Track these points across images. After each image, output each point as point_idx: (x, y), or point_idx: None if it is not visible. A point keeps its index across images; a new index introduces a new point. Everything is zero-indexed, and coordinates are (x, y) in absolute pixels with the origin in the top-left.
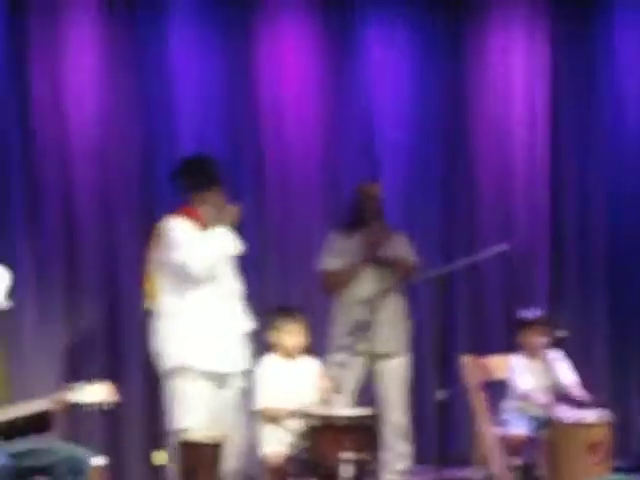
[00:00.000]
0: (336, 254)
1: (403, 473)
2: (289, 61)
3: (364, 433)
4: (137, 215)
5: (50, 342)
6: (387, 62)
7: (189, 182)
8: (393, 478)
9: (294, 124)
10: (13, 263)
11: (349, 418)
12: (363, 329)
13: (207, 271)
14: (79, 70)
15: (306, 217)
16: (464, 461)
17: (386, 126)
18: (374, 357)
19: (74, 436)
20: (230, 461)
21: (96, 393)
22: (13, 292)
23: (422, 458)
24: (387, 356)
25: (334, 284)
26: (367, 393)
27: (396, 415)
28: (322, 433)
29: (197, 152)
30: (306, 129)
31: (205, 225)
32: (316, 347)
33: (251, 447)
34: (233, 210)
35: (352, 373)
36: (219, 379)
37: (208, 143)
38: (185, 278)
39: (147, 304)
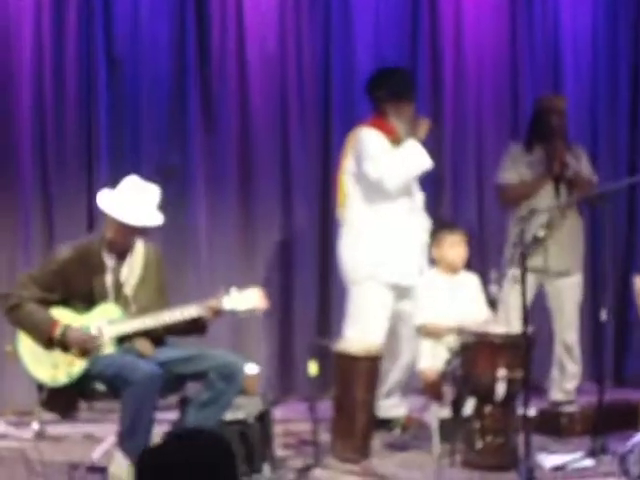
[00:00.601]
0: (516, 168)
1: (571, 392)
2: None
3: (519, 351)
4: (313, 129)
5: (223, 254)
6: None
7: (386, 92)
8: (560, 396)
9: (474, 34)
10: (189, 173)
11: (505, 336)
12: (539, 245)
13: (403, 186)
14: None
15: (484, 130)
16: None
17: (569, 41)
18: (548, 274)
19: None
20: (396, 373)
21: (248, 300)
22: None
23: (597, 377)
24: (561, 274)
25: (512, 198)
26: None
27: (567, 333)
28: (477, 350)
29: (400, 69)
30: (486, 40)
31: (397, 138)
32: (492, 262)
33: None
34: (424, 124)
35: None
36: (400, 291)
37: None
38: (378, 190)
39: (338, 212)
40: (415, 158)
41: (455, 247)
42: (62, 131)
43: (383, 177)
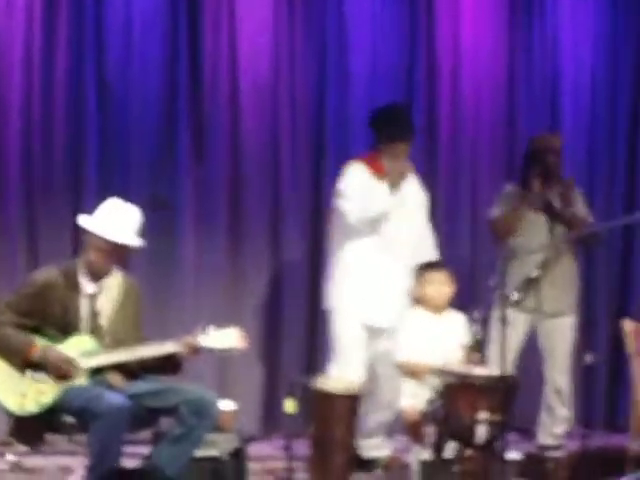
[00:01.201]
0: (506, 202)
1: (560, 436)
2: (468, 14)
3: (502, 394)
4: (304, 163)
5: (209, 284)
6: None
7: (381, 133)
8: (549, 441)
9: (471, 71)
10: (178, 204)
11: (487, 378)
12: (532, 285)
13: (366, 221)
14: (252, 20)
15: (479, 166)
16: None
17: (569, 77)
18: (541, 315)
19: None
20: (377, 414)
21: (226, 339)
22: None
23: (588, 423)
24: (554, 315)
25: (501, 230)
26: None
27: (558, 376)
28: (458, 392)
29: (394, 102)
30: (483, 78)
31: (384, 175)
32: (483, 300)
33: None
34: (406, 166)
35: (516, 330)
36: (374, 330)
37: (377, 96)
38: (348, 225)
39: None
40: (387, 195)
41: (437, 285)
42: (50, 155)
43: (346, 211)
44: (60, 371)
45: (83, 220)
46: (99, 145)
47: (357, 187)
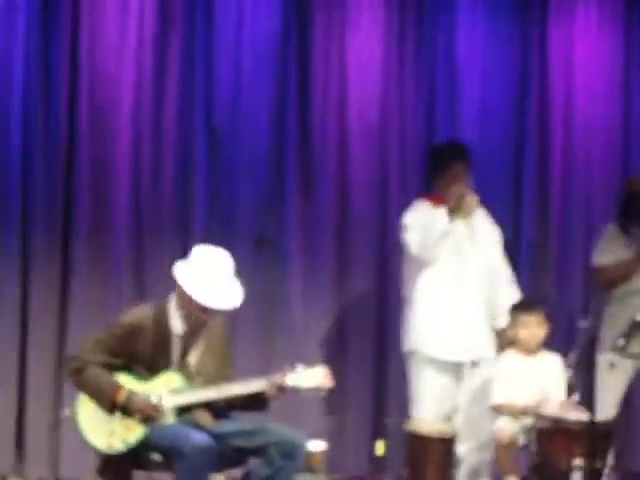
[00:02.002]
0: (613, 249)
1: None
2: (582, 49)
3: (598, 441)
4: (414, 195)
5: (316, 320)
6: None
7: (435, 161)
8: None
9: (584, 106)
10: (285, 243)
11: (583, 424)
12: (637, 330)
13: (428, 248)
14: (362, 51)
15: (592, 211)
16: None
17: None
18: None
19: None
20: (476, 454)
21: (313, 378)
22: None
23: None
24: None
25: (609, 280)
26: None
27: None
28: (553, 436)
29: (448, 140)
30: (596, 113)
31: (444, 203)
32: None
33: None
34: (471, 201)
35: (621, 375)
36: (453, 368)
37: (489, 131)
38: (417, 261)
39: None
40: (439, 220)
41: (532, 328)
42: (159, 197)
43: (409, 242)
44: (145, 416)
45: (179, 276)
46: (207, 186)
47: (418, 218)
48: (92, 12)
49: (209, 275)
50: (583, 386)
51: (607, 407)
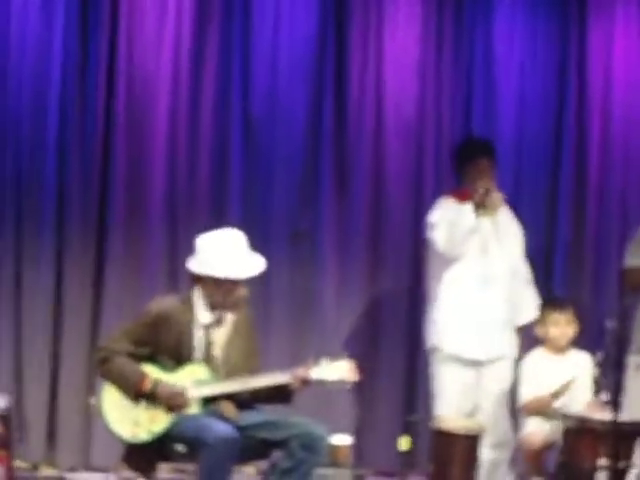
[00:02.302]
0: None
1: None
2: (620, 46)
3: (623, 441)
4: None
5: (349, 315)
6: None
7: (461, 156)
8: None
9: (621, 109)
10: (319, 237)
11: (608, 423)
12: None
13: (454, 245)
14: (399, 48)
15: (629, 215)
16: None
17: None
18: None
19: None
20: (487, 452)
21: (337, 372)
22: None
23: None
24: None
25: (635, 283)
26: None
27: None
28: (579, 436)
29: (474, 136)
30: (634, 116)
31: (469, 199)
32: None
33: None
34: (496, 197)
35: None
36: (474, 366)
37: (526, 128)
38: (443, 257)
39: None
40: (465, 216)
41: (560, 326)
42: (194, 190)
43: (435, 239)
44: (171, 405)
45: (196, 266)
46: (243, 178)
47: (444, 215)
48: (131, 8)
49: (224, 251)
50: (610, 386)
51: (635, 408)
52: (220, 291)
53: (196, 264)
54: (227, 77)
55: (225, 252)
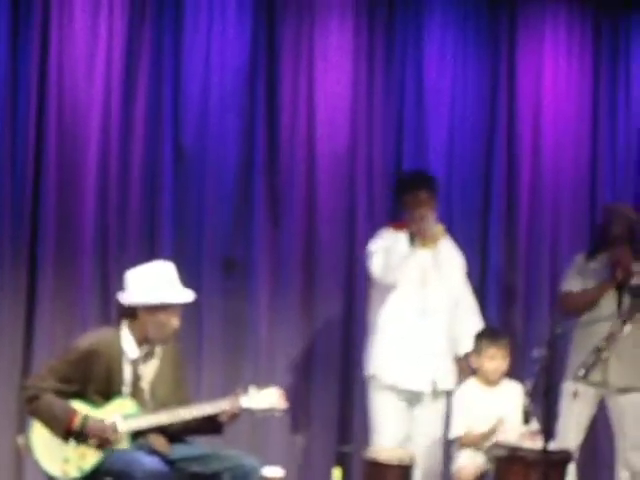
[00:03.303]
0: (580, 276)
1: None
2: (549, 69)
3: (554, 470)
4: (382, 222)
5: (283, 346)
6: None
7: (399, 187)
8: None
9: (552, 136)
10: (252, 267)
11: (538, 452)
12: (598, 358)
13: (389, 272)
14: (331, 87)
15: (560, 241)
16: None
17: None
18: (608, 389)
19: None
20: None
21: (267, 400)
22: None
23: None
24: (622, 390)
25: (574, 307)
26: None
27: (631, 455)
28: (510, 465)
29: (413, 168)
30: (564, 142)
31: (406, 228)
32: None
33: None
34: (436, 229)
35: (584, 404)
36: (409, 397)
37: (456, 158)
38: (380, 287)
39: None
40: (400, 244)
41: (495, 361)
42: (125, 220)
43: (371, 267)
44: (100, 440)
45: (134, 297)
46: (174, 209)
47: (381, 243)
48: (61, 37)
49: (156, 280)
50: (540, 414)
51: (570, 435)
52: (154, 323)
53: (128, 296)
54: (158, 108)
55: (157, 281)
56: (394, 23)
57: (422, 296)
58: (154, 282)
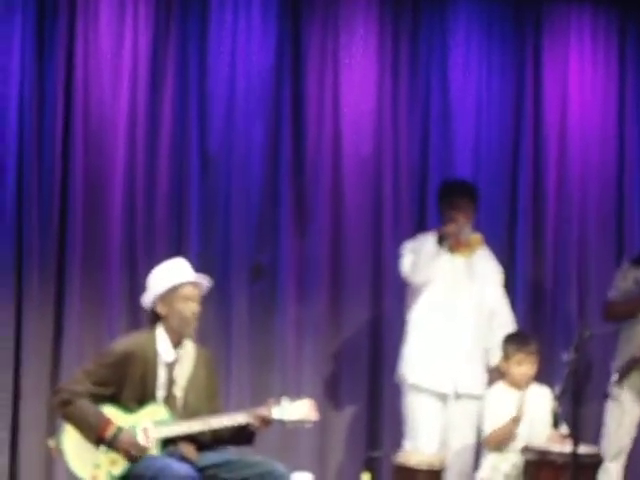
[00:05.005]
0: (624, 284)
1: None
2: (575, 74)
3: (584, 473)
4: (407, 234)
5: (311, 352)
6: None
7: (440, 194)
8: None
9: (578, 141)
10: (279, 274)
11: (568, 456)
12: (636, 365)
13: (417, 271)
14: (356, 90)
15: (587, 244)
16: None
17: None
18: None
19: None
20: None
21: (298, 411)
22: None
23: None
24: None
25: (615, 315)
26: None
27: None
28: (539, 469)
29: (456, 178)
30: (591, 147)
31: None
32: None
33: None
34: (473, 239)
35: (628, 410)
36: (440, 398)
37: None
38: (412, 289)
39: None
40: (429, 246)
41: (522, 365)
42: (152, 226)
43: (402, 266)
44: (129, 456)
45: (155, 287)
46: (201, 215)
47: (412, 245)
48: (86, 48)
49: (168, 272)
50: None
51: (612, 438)
52: (174, 313)
53: (146, 296)
54: (184, 112)
55: (166, 273)
56: (419, 28)
57: (451, 301)
58: (164, 274)
